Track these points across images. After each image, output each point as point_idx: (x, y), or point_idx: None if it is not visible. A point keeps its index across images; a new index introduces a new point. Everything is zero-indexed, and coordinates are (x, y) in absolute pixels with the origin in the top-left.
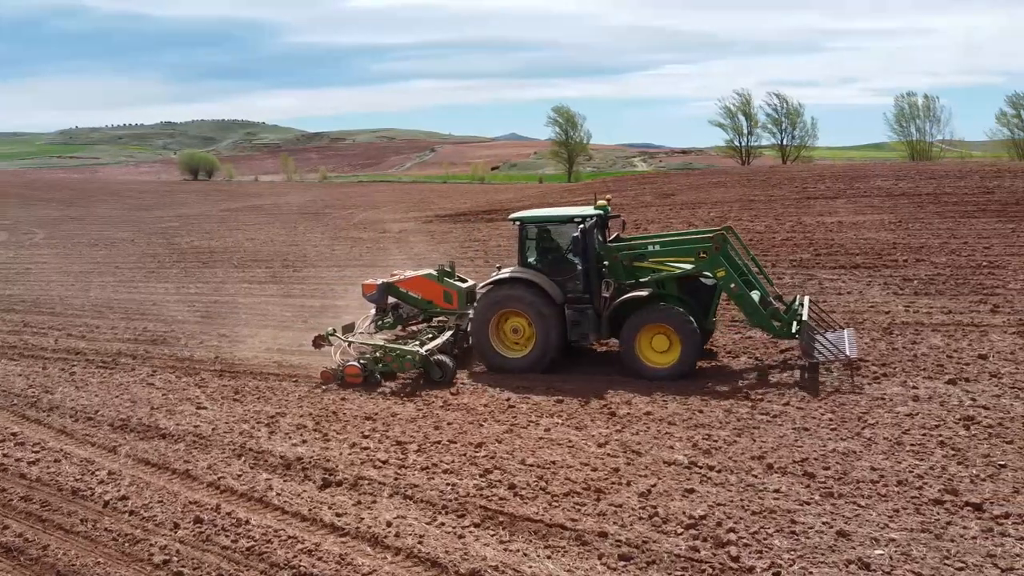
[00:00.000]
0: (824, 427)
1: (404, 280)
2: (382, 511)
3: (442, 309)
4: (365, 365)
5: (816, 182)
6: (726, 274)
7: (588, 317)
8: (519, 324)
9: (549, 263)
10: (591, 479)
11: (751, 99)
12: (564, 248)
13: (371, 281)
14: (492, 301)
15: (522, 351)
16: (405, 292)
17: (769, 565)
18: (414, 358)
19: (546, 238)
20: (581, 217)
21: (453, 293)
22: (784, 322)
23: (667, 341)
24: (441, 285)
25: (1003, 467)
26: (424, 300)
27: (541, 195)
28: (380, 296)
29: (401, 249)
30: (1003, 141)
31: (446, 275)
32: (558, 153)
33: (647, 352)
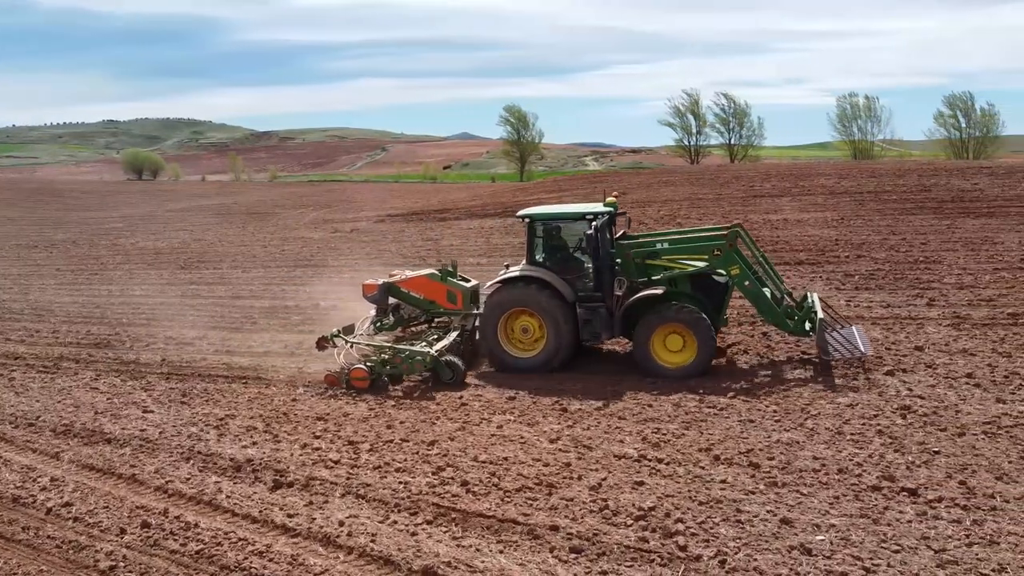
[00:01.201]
0: (768, 419)
1: (405, 280)
2: (334, 511)
3: (445, 309)
4: (372, 368)
5: (762, 181)
6: (740, 271)
7: (600, 316)
8: (529, 324)
9: (559, 261)
10: (543, 474)
11: (700, 99)
12: (575, 246)
13: (372, 281)
14: (502, 300)
15: (532, 351)
16: (407, 292)
17: (715, 553)
18: (424, 359)
19: (556, 236)
20: (593, 214)
21: (457, 293)
22: (798, 319)
23: (681, 340)
24: (444, 285)
25: (937, 454)
26: (426, 300)
27: (494, 194)
28: (381, 297)
29: (352, 249)
30: (940, 141)
31: (448, 275)
32: (510, 152)
33: (660, 352)
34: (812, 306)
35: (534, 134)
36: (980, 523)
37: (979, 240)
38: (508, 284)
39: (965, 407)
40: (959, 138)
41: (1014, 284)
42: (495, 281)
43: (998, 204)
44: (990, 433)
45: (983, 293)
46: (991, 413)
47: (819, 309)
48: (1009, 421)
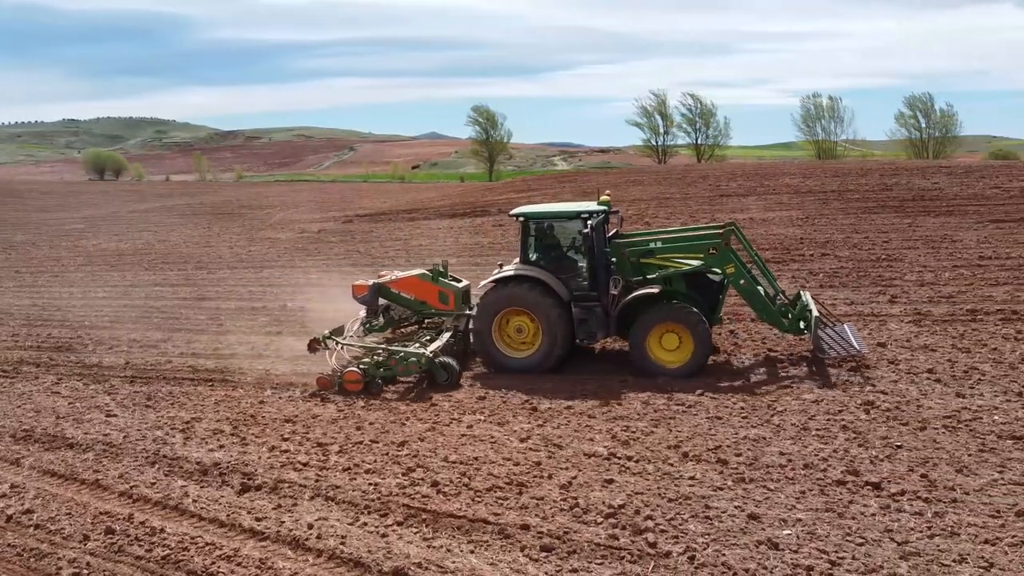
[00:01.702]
0: (736, 415)
1: (396, 281)
2: (303, 513)
3: (437, 310)
4: (366, 370)
5: (728, 180)
6: (736, 270)
7: (596, 315)
8: (523, 323)
9: (553, 260)
10: (513, 473)
11: (667, 99)
12: (569, 244)
13: (362, 282)
14: (496, 300)
15: (527, 351)
16: (397, 293)
17: (685, 549)
18: (420, 360)
19: (550, 234)
20: (588, 213)
21: (449, 293)
22: (793, 318)
23: (677, 339)
24: (436, 285)
25: (899, 448)
26: (418, 301)
27: (463, 194)
28: (372, 297)
29: (320, 249)
30: (901, 141)
31: (439, 275)
32: (479, 152)
33: (656, 350)
34: (807, 305)
35: (503, 134)
36: (941, 515)
37: (939, 238)
38: (503, 283)
39: (926, 402)
40: (919, 138)
41: (972, 281)
42: (489, 280)
43: (957, 203)
44: (950, 427)
45: (943, 290)
46: (951, 407)
47: (813, 307)
48: (968, 415)
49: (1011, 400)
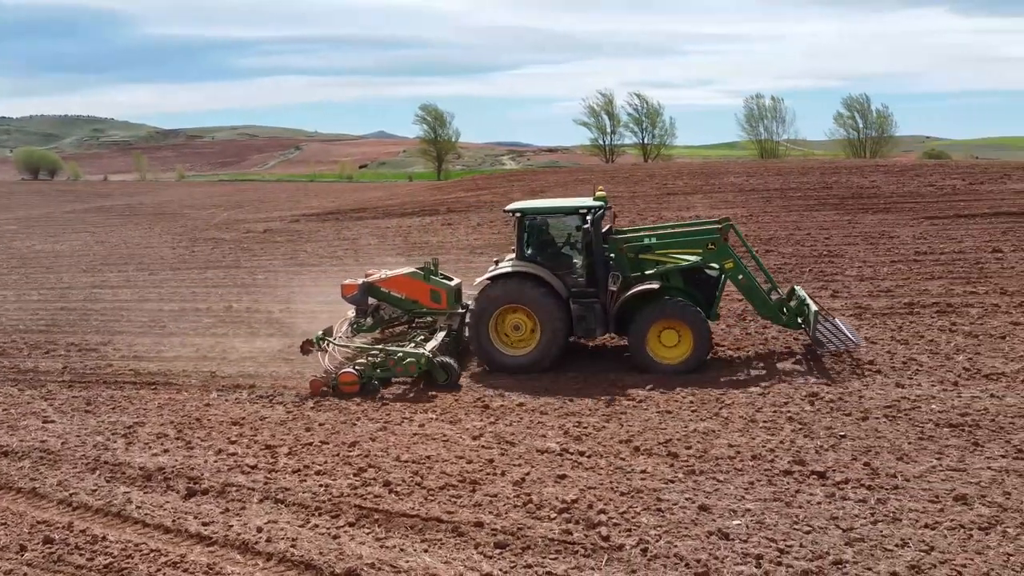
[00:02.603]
0: (685, 409)
1: (386, 279)
2: (252, 517)
3: (429, 309)
4: (362, 371)
5: (675, 179)
6: (735, 265)
7: (595, 312)
8: (520, 321)
9: (550, 256)
10: (466, 471)
11: (614, 99)
12: (567, 241)
13: (351, 281)
14: (493, 297)
15: (524, 349)
16: (387, 292)
17: (637, 542)
18: (419, 361)
19: (547, 230)
20: (587, 208)
21: (441, 292)
22: (790, 313)
23: (676, 335)
24: (428, 284)
25: (843, 437)
26: (409, 300)
27: (411, 193)
28: (361, 297)
29: (266, 249)
30: (840, 140)
31: (431, 273)
32: (427, 151)
33: (656, 347)
34: (804, 300)
35: (451, 133)
36: (884, 501)
37: (877, 234)
38: (500, 280)
39: (868, 392)
40: (857, 138)
41: (909, 276)
42: (485, 277)
43: (893, 200)
44: (891, 416)
45: (882, 284)
46: (891, 397)
47: (811, 303)
48: (908, 405)
49: (947, 389)
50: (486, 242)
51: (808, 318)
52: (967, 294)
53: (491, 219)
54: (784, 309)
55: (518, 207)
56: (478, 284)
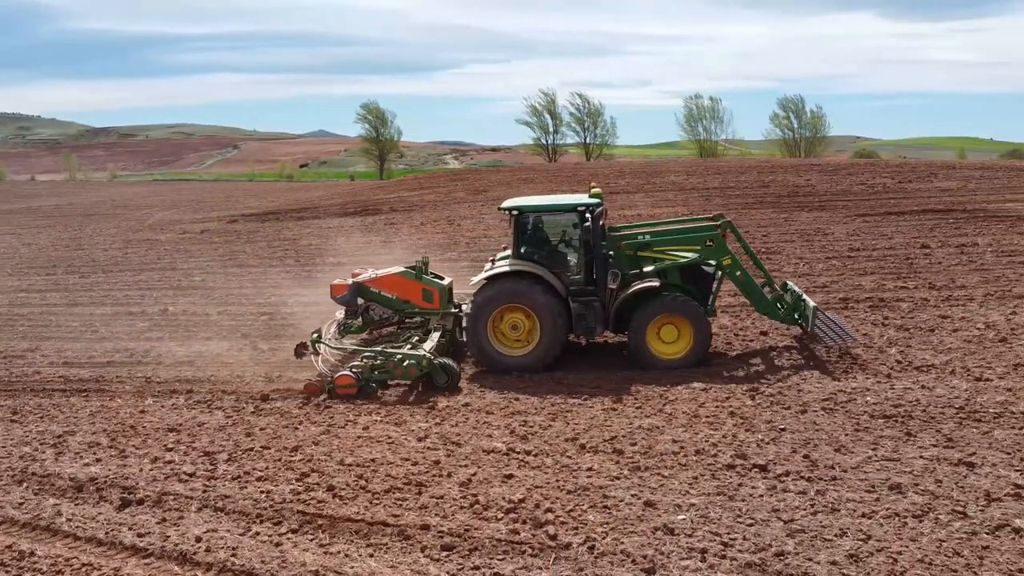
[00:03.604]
0: (630, 406)
1: (376, 279)
2: (190, 526)
3: (421, 309)
4: (359, 374)
5: (617, 178)
6: (732, 262)
7: (595, 310)
8: (518, 320)
9: (548, 255)
10: (412, 473)
11: (556, 99)
12: (564, 238)
13: (340, 281)
14: (492, 296)
15: (523, 348)
16: (377, 292)
17: (584, 540)
18: (420, 362)
19: (544, 228)
20: (585, 206)
21: (434, 291)
22: (787, 308)
23: (676, 331)
24: (420, 283)
25: (783, 431)
26: (400, 300)
27: (353, 193)
28: (351, 297)
29: (203, 251)
30: (776, 140)
31: (421, 272)
32: (369, 150)
33: (655, 343)
34: (800, 295)
35: (393, 132)
36: (823, 493)
37: (813, 231)
38: (499, 279)
39: (806, 386)
40: (792, 138)
41: (844, 271)
42: (482, 277)
43: (827, 198)
44: (828, 409)
45: (818, 280)
46: (828, 391)
47: (808, 298)
48: (844, 397)
49: (881, 382)
50: (430, 241)
51: (804, 313)
52: (898, 289)
53: (434, 218)
54: (780, 304)
55: (515, 205)
56: (475, 283)
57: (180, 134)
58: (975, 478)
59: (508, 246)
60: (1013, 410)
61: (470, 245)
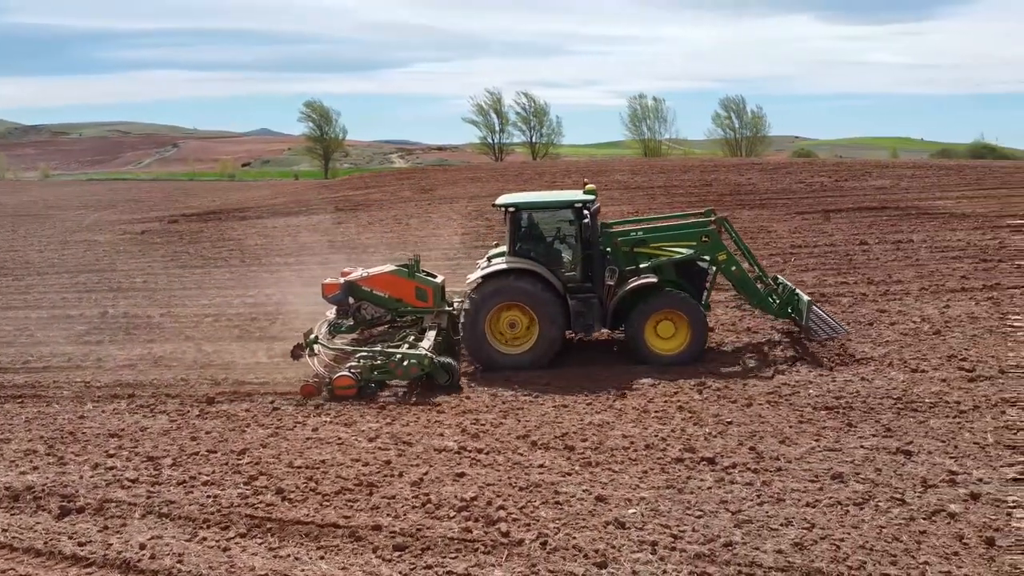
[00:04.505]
0: (581, 403)
1: (368, 278)
2: (134, 534)
3: (414, 308)
4: (358, 375)
5: (563, 177)
6: (728, 257)
7: (593, 307)
8: (516, 318)
9: (544, 252)
10: (362, 474)
11: (502, 98)
12: (561, 235)
13: (332, 280)
14: (491, 294)
15: (522, 346)
16: (369, 291)
17: (537, 536)
18: (422, 362)
19: (541, 225)
20: (583, 202)
21: (427, 290)
22: (780, 303)
23: (673, 327)
24: (413, 281)
25: (730, 424)
26: (393, 299)
27: (297, 192)
28: (344, 297)
29: (144, 252)
30: (718, 140)
31: (414, 270)
32: (313, 149)
33: (652, 339)
34: (793, 289)
35: (337, 131)
36: (769, 483)
37: (755, 229)
38: (497, 277)
39: (751, 380)
40: (733, 137)
41: (785, 268)
42: (479, 274)
43: (768, 197)
44: (773, 402)
45: None
46: (773, 384)
47: (801, 293)
48: (788, 390)
49: (823, 375)
50: (377, 240)
51: (798, 308)
52: (838, 284)
53: (381, 218)
54: (773, 299)
55: (511, 201)
56: (472, 281)
57: (116, 132)
58: (912, 466)
59: (499, 243)
60: (947, 400)
61: (418, 244)
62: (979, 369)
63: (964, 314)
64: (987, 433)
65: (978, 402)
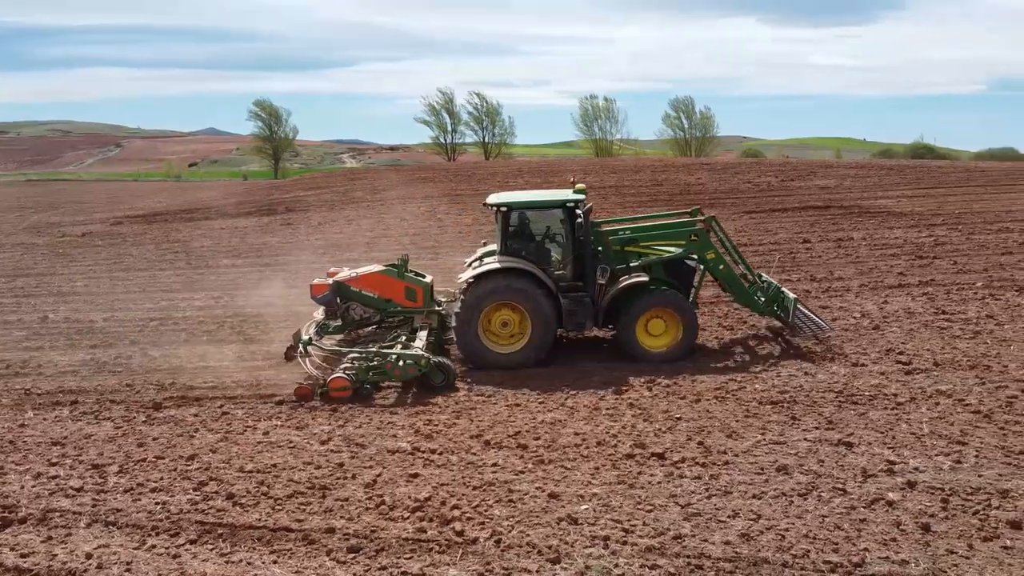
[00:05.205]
0: (533, 402)
1: (357, 278)
2: (79, 543)
3: (404, 308)
4: (354, 376)
5: (516, 176)
6: (716, 256)
7: (585, 306)
8: (509, 317)
9: (535, 251)
10: (315, 477)
11: (454, 98)
12: (551, 234)
13: (321, 281)
14: (484, 293)
15: (514, 345)
16: (358, 291)
17: (491, 534)
18: (419, 362)
19: (532, 224)
20: (575, 201)
21: (417, 289)
22: (768, 300)
23: (663, 324)
24: (403, 281)
25: (679, 419)
26: (382, 299)
27: (247, 192)
28: (332, 297)
29: (85, 255)
30: (669, 140)
31: (403, 270)
32: (262, 149)
33: (643, 337)
34: (779, 288)
35: (288, 130)
36: (716, 477)
37: None
38: (490, 276)
39: (699, 376)
40: (683, 138)
41: None
42: (473, 274)
43: (717, 196)
44: (720, 397)
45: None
46: (720, 380)
47: (787, 291)
48: (735, 386)
49: (768, 370)
50: (328, 242)
51: (784, 305)
52: (783, 282)
53: (332, 218)
54: (759, 296)
55: (502, 201)
56: (463, 281)
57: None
58: (853, 457)
59: (488, 241)
60: (886, 392)
61: (370, 245)
62: (915, 362)
63: (901, 309)
64: (923, 424)
65: (914, 394)
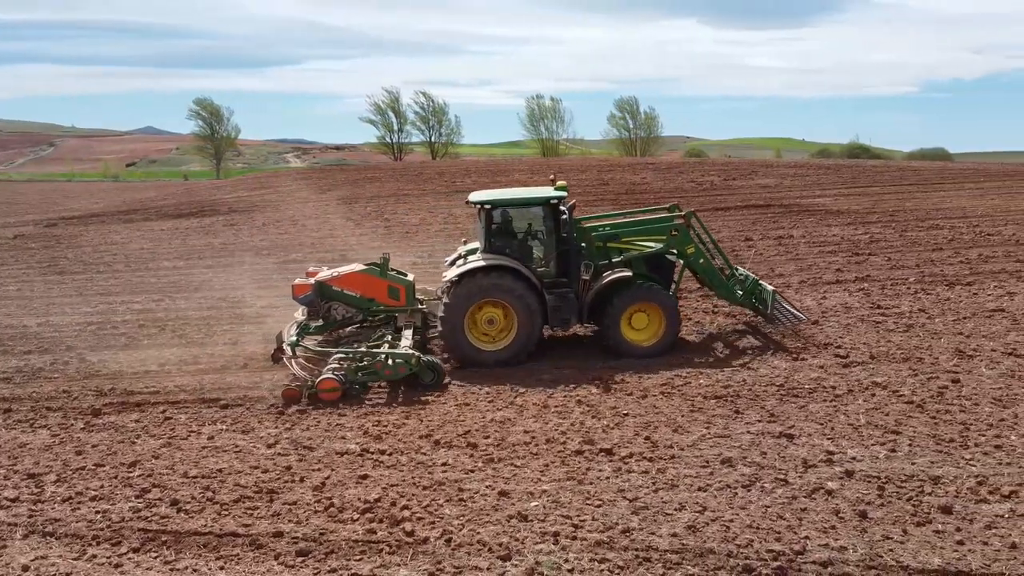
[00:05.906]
0: (482, 400)
1: (338, 277)
2: (15, 555)
3: (387, 307)
4: (343, 376)
5: (463, 176)
6: (695, 250)
7: (570, 302)
8: (495, 315)
9: (519, 248)
10: (262, 481)
11: (400, 97)
12: (533, 231)
13: (302, 281)
14: (470, 291)
15: (500, 342)
16: (340, 291)
17: (441, 533)
18: (409, 362)
19: (515, 221)
20: (557, 198)
21: (400, 288)
22: (746, 292)
23: (646, 319)
24: (385, 280)
25: (626, 415)
26: (365, 298)
27: (188, 192)
28: (315, 297)
29: (18, 258)
30: (614, 140)
31: (385, 269)
32: (203, 148)
33: (627, 331)
34: (757, 280)
35: (230, 129)
36: (663, 471)
37: None
38: (475, 274)
39: (646, 372)
40: (628, 137)
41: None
42: (458, 272)
43: (661, 195)
44: (666, 393)
45: None
46: (666, 376)
47: (765, 283)
48: (680, 381)
49: (712, 365)
50: (272, 243)
51: (763, 297)
52: None
53: (277, 219)
54: (738, 289)
55: (485, 198)
56: (448, 279)
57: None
58: (794, 448)
59: (469, 239)
60: (825, 385)
61: (315, 246)
62: (852, 355)
63: (839, 304)
64: (860, 415)
65: (852, 386)
